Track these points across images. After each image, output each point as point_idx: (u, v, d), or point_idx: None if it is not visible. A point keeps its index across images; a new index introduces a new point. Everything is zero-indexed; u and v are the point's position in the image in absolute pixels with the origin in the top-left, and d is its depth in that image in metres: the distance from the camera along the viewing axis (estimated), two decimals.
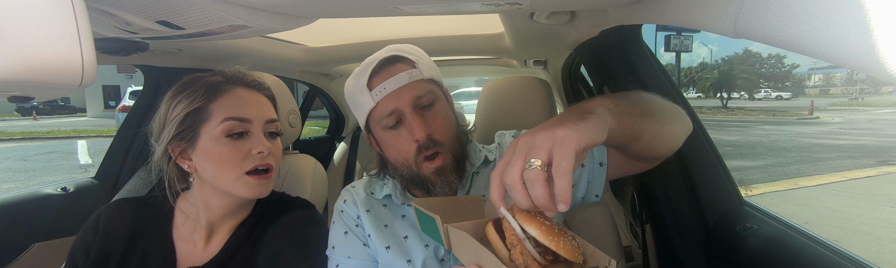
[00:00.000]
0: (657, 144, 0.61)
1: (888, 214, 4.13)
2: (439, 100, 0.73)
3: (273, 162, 0.78)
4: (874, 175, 5.83)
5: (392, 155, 0.74)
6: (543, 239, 0.43)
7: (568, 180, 0.42)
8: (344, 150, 2.39)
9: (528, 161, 0.44)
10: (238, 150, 0.74)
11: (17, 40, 0.36)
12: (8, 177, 6.23)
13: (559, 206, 0.43)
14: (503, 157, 0.48)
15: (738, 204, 0.86)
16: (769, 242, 0.72)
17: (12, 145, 10.11)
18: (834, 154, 7.71)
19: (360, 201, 0.80)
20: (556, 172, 0.43)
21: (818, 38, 0.28)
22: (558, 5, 0.77)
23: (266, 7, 0.64)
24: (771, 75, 42.27)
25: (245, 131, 0.76)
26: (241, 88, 0.80)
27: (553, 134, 0.45)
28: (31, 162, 7.57)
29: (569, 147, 0.44)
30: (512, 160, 0.46)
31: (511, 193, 0.44)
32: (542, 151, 0.44)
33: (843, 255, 0.62)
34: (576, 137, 0.45)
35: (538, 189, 0.42)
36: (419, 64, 0.72)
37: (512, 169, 0.44)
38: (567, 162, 0.43)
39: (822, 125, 13.74)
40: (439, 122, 0.72)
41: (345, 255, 0.76)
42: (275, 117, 0.82)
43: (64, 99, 24.57)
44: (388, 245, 0.74)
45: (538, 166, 0.43)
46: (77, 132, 12.07)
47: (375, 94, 0.69)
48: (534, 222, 0.45)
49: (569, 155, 0.43)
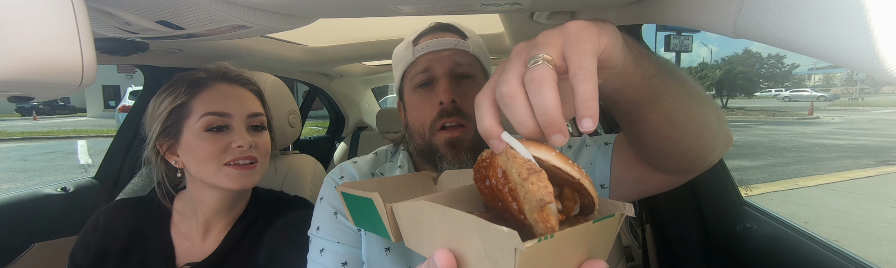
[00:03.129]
0: (679, 125, 0.46)
1: (888, 214, 4.13)
2: (478, 76, 0.70)
3: (257, 154, 0.78)
4: (874, 175, 5.83)
5: (412, 119, 0.69)
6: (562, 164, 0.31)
7: (593, 87, 0.30)
8: (344, 150, 2.39)
9: (531, 58, 0.32)
10: (217, 143, 0.75)
11: (17, 40, 0.36)
12: (8, 177, 6.23)
13: (583, 122, 0.30)
14: (493, 73, 0.35)
15: (738, 204, 0.86)
16: (769, 242, 0.72)
17: (12, 145, 10.11)
18: (834, 154, 7.71)
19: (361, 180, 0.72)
20: (577, 75, 0.30)
21: (818, 38, 0.28)
22: (558, 5, 0.77)
23: (266, 7, 0.64)
24: (771, 75, 42.27)
25: (224, 125, 0.77)
26: (223, 84, 0.81)
27: (562, 29, 0.33)
28: (31, 162, 7.57)
29: (588, 42, 0.32)
30: (506, 67, 0.33)
31: (507, 110, 0.32)
32: (548, 47, 0.32)
33: (843, 255, 0.62)
34: (595, 31, 0.33)
35: (546, 92, 0.29)
36: (470, 39, 0.72)
37: (508, 74, 0.32)
38: (589, 60, 0.31)
39: (822, 125, 13.75)
40: (472, 95, 0.67)
41: (332, 239, 0.66)
42: (259, 111, 0.82)
43: (64, 99, 24.56)
44: (388, 247, 0.64)
45: (545, 61, 0.31)
46: (77, 132, 12.07)
47: (418, 50, 0.69)
48: (541, 146, 0.32)
49: (590, 51, 0.31)
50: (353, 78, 2.23)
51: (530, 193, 0.29)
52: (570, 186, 0.33)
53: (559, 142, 0.30)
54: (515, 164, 0.31)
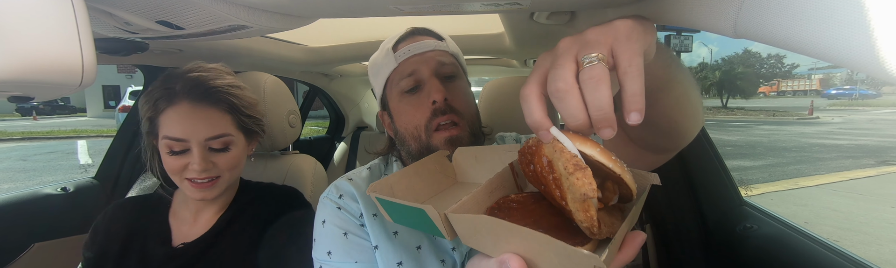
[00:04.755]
0: (683, 109, 0.51)
1: (888, 214, 4.13)
2: (461, 76, 0.72)
3: (218, 172, 0.80)
4: (874, 175, 5.83)
5: (403, 124, 0.69)
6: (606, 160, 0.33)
7: (641, 84, 0.32)
8: (344, 150, 2.39)
9: (585, 57, 0.33)
10: (178, 162, 0.77)
11: (17, 40, 0.36)
12: (8, 177, 6.23)
13: (631, 116, 0.32)
14: (536, 67, 0.37)
15: (738, 204, 0.86)
16: (769, 242, 0.72)
17: (12, 145, 10.11)
18: (834, 154, 7.71)
19: (362, 198, 0.68)
20: (627, 73, 0.32)
21: (818, 38, 0.28)
22: (558, 5, 0.77)
23: (266, 7, 0.64)
24: (771, 75, 42.28)
25: (183, 149, 0.77)
26: (186, 102, 0.78)
27: (613, 27, 0.35)
28: (31, 162, 7.57)
29: (638, 41, 0.33)
30: (558, 62, 0.34)
31: (560, 104, 0.33)
32: (600, 45, 0.33)
33: (843, 255, 0.63)
34: (642, 31, 0.35)
35: (603, 91, 0.31)
36: (446, 40, 0.73)
37: (562, 71, 0.33)
38: (639, 59, 0.33)
39: (822, 125, 13.75)
40: (460, 94, 0.68)
41: (350, 260, 0.64)
42: (220, 133, 0.79)
43: (64, 99, 24.57)
44: (400, 261, 0.62)
45: (600, 61, 0.32)
46: (77, 132, 12.07)
47: (399, 55, 0.68)
48: (587, 141, 0.34)
49: (639, 51, 0.33)
50: (353, 78, 2.23)
51: (575, 186, 0.32)
52: (612, 179, 0.35)
53: (609, 135, 0.32)
54: (562, 157, 0.33)
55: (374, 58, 0.75)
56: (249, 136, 0.88)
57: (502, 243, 0.36)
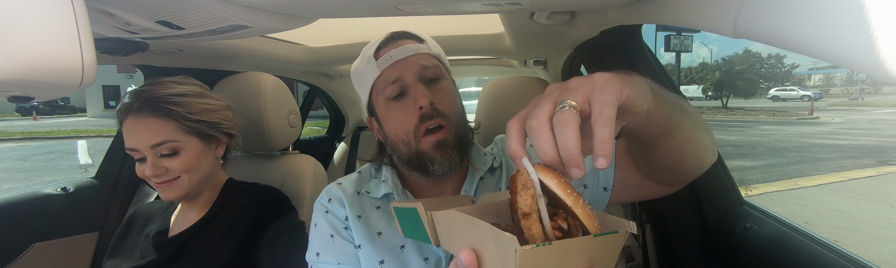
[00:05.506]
0: (686, 151, 0.54)
1: (888, 214, 4.13)
2: (445, 77, 0.72)
3: (173, 175, 0.87)
4: (874, 175, 5.83)
5: (392, 131, 0.70)
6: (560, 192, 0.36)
7: (610, 132, 0.35)
8: (344, 150, 2.40)
9: (561, 102, 0.37)
10: (140, 169, 0.86)
11: (17, 40, 0.36)
12: (8, 177, 6.24)
13: (598, 161, 0.35)
14: (529, 105, 0.41)
15: (738, 204, 0.86)
16: (769, 242, 0.72)
17: (12, 145, 10.12)
18: (834, 154, 7.72)
19: (349, 201, 0.73)
20: (597, 120, 0.35)
21: (818, 38, 0.28)
22: (558, 5, 0.77)
23: (266, 7, 0.64)
24: (771, 75, 42.28)
25: (140, 158, 0.86)
26: (131, 116, 0.86)
27: (591, 79, 0.38)
28: (31, 162, 7.57)
29: (611, 93, 0.37)
30: (539, 103, 0.39)
31: (534, 139, 0.37)
32: (577, 93, 0.37)
33: (843, 255, 0.62)
34: (618, 84, 0.38)
35: (570, 134, 0.35)
36: (427, 41, 0.73)
37: (539, 111, 0.38)
38: (610, 109, 0.36)
39: (822, 125, 13.75)
40: (445, 96, 0.69)
41: (334, 261, 0.69)
42: (162, 139, 0.84)
43: (64, 99, 24.57)
44: (382, 259, 0.66)
45: (571, 107, 0.36)
46: (77, 132, 12.09)
47: (381, 63, 0.68)
48: (550, 172, 0.37)
49: (611, 101, 0.36)
50: None
51: (517, 203, 0.37)
52: (567, 212, 0.37)
53: (577, 175, 0.36)
54: (520, 179, 0.38)
55: (356, 65, 0.75)
56: (207, 139, 0.90)
57: (463, 238, 0.41)
